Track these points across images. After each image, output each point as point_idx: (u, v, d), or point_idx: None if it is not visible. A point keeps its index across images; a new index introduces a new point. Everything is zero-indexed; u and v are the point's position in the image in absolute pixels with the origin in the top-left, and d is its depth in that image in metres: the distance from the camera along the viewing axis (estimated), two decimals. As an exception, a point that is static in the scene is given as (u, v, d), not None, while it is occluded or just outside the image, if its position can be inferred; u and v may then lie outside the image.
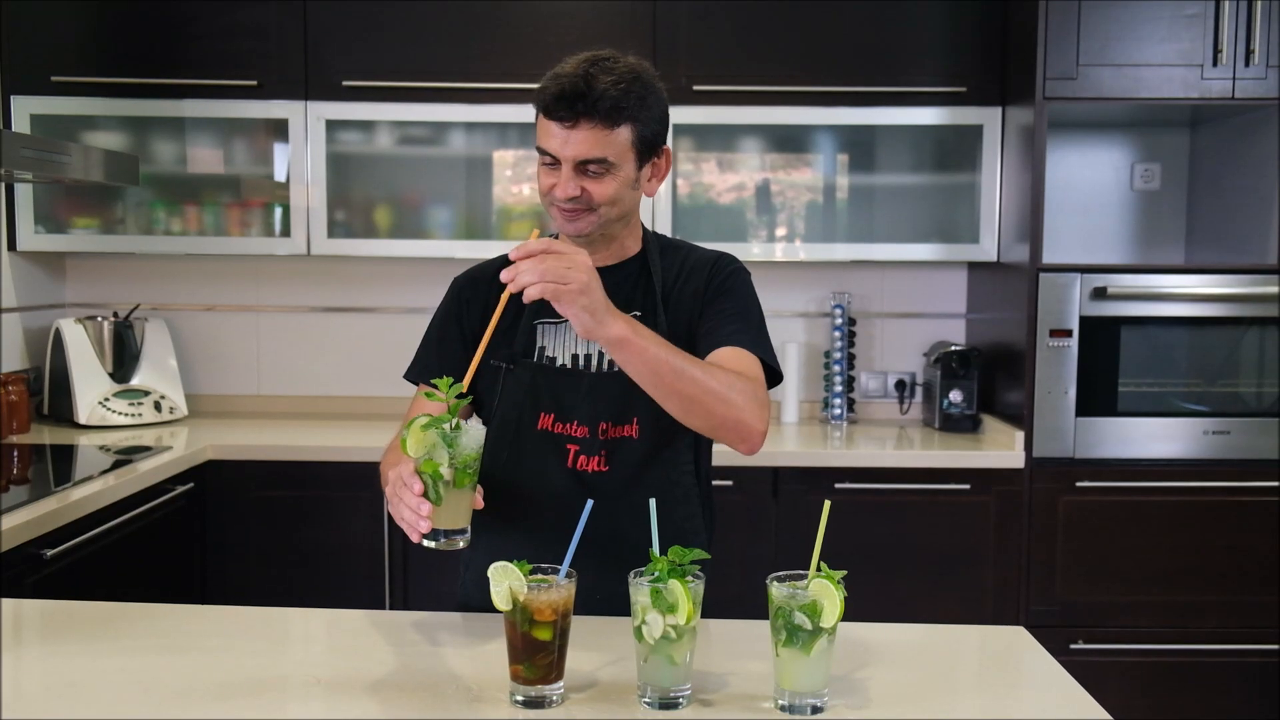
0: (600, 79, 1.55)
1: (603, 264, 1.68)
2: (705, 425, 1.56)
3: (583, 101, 1.54)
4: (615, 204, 1.62)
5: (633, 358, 1.48)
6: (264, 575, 3.00)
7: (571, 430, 1.66)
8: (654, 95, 1.61)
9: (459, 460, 1.38)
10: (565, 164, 1.58)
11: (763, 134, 3.33)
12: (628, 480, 1.65)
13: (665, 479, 1.68)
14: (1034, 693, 1.42)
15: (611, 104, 1.55)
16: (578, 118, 1.55)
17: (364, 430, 3.26)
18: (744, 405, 1.54)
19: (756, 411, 1.56)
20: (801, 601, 1.24)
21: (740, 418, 1.54)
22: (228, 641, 1.52)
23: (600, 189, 1.59)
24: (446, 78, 3.20)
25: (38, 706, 1.30)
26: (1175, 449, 3.02)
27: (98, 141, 3.27)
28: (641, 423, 1.65)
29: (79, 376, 3.24)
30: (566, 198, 1.59)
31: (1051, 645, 1.58)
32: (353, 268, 3.57)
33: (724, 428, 1.55)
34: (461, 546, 1.43)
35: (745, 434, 1.56)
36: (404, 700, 1.31)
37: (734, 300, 1.69)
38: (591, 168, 1.58)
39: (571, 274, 1.41)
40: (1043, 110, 2.97)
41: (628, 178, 1.61)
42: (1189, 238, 3.53)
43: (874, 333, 3.60)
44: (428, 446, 1.37)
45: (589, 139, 1.56)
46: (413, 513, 1.38)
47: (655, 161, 1.66)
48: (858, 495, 2.97)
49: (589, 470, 1.65)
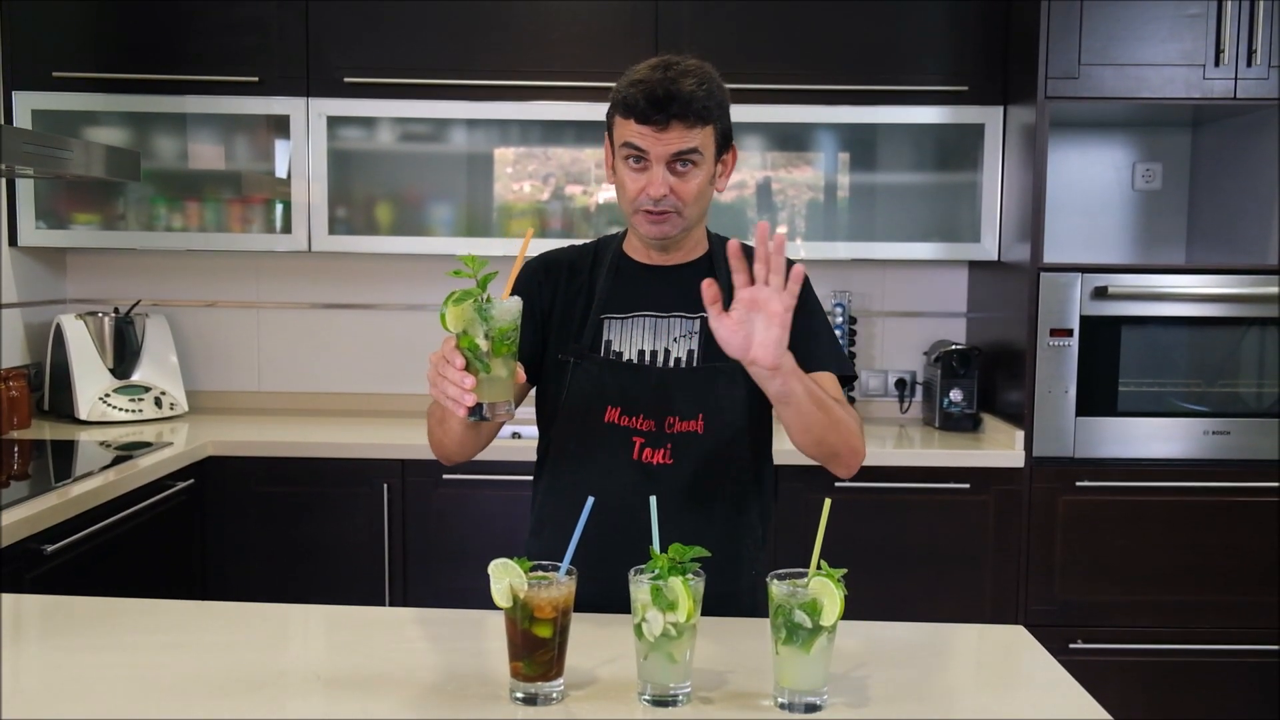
0: (684, 81, 1.60)
1: (678, 262, 1.75)
2: (823, 452, 1.63)
3: (675, 103, 1.58)
4: (699, 203, 1.66)
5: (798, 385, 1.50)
6: (264, 571, 3.00)
7: (637, 424, 1.69)
8: (724, 92, 1.68)
9: (495, 331, 1.39)
10: (657, 163, 1.61)
11: (764, 132, 3.32)
12: (692, 473, 1.69)
13: (726, 473, 1.72)
14: (1033, 692, 1.42)
15: (701, 103, 1.60)
16: (669, 120, 1.59)
17: (365, 427, 3.26)
18: (856, 431, 1.63)
19: (862, 439, 1.66)
20: (801, 600, 1.24)
21: (853, 444, 1.63)
22: (228, 638, 1.52)
23: (687, 188, 1.63)
24: (448, 74, 3.20)
25: (37, 702, 1.30)
26: (1175, 449, 3.02)
27: (99, 137, 3.27)
28: (708, 418, 1.69)
29: (80, 372, 3.24)
30: (659, 196, 1.62)
31: (1051, 645, 1.58)
32: (354, 264, 3.57)
33: (844, 452, 1.63)
34: (504, 419, 1.45)
35: (851, 459, 1.65)
36: (404, 696, 1.31)
37: (811, 319, 1.72)
38: (680, 164, 1.62)
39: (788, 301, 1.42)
40: (1044, 109, 2.97)
41: (709, 173, 1.66)
42: (1190, 238, 3.53)
43: (874, 331, 3.60)
44: (465, 321, 1.38)
45: (681, 136, 1.61)
46: (457, 387, 1.38)
47: (724, 158, 1.71)
48: (858, 494, 2.97)
49: (654, 463, 1.68)
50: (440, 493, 2.98)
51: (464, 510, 3.00)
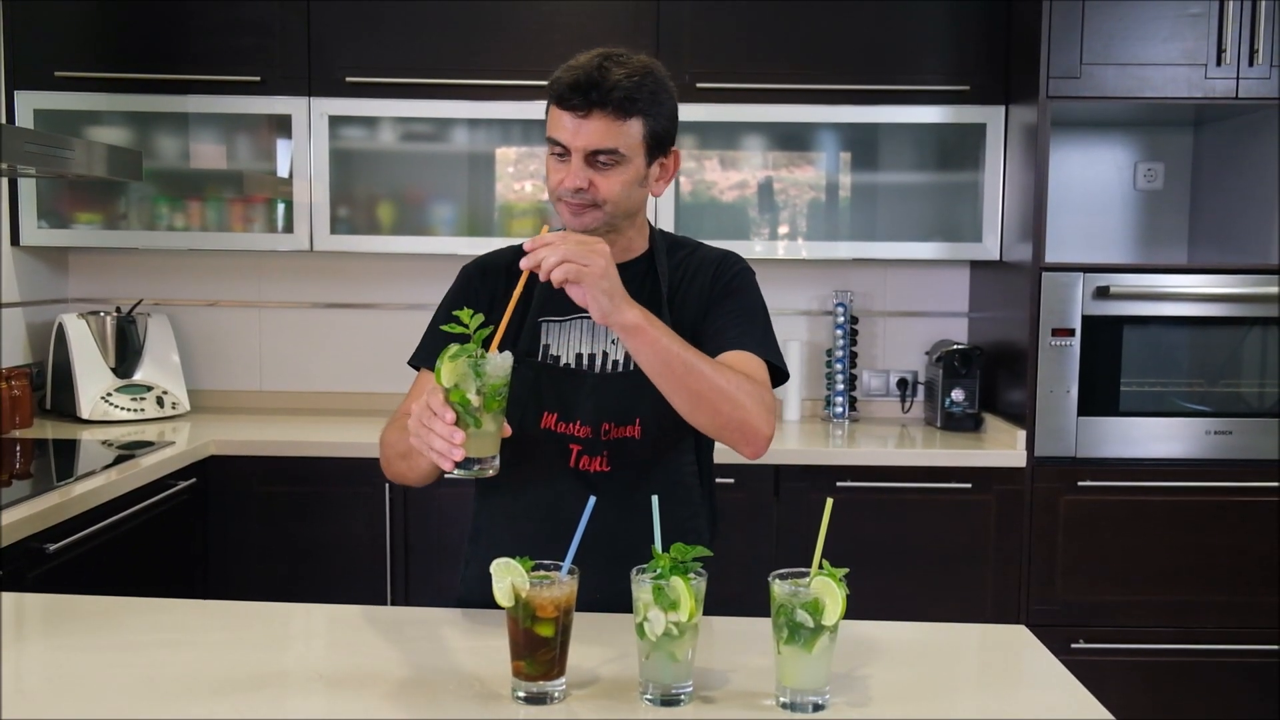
0: (614, 71, 1.56)
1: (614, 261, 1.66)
2: (710, 424, 1.56)
3: (596, 90, 1.54)
4: (622, 200, 1.62)
5: (644, 346, 1.48)
6: (266, 570, 3.00)
7: (574, 430, 1.66)
8: (665, 92, 1.62)
9: (488, 387, 1.39)
10: (575, 154, 1.58)
11: (766, 132, 3.32)
12: (630, 481, 1.64)
13: (668, 480, 1.68)
14: (1035, 692, 1.42)
15: (625, 94, 1.55)
16: (590, 107, 1.55)
17: (366, 426, 3.26)
18: (751, 408, 1.54)
19: (763, 415, 1.56)
20: (803, 599, 1.24)
21: (746, 419, 1.54)
22: (229, 636, 1.52)
23: (607, 184, 1.59)
24: (449, 74, 3.20)
25: (39, 701, 1.30)
26: (1177, 449, 3.02)
27: (101, 137, 3.27)
28: (645, 423, 1.65)
29: (82, 371, 3.24)
30: (574, 189, 1.58)
31: (1052, 644, 1.58)
32: (355, 264, 3.57)
33: (729, 428, 1.55)
34: (491, 474, 1.44)
35: (750, 437, 1.56)
36: (405, 696, 1.31)
37: (740, 301, 1.69)
38: (601, 159, 1.58)
39: (593, 258, 1.43)
40: (1046, 109, 2.96)
41: (637, 173, 1.61)
42: (1192, 237, 3.53)
43: (876, 331, 3.60)
44: (458, 375, 1.38)
45: (601, 129, 1.56)
46: (445, 441, 1.37)
47: (663, 161, 1.66)
48: (859, 494, 2.97)
49: (591, 470, 1.65)
50: (441, 492, 2.97)
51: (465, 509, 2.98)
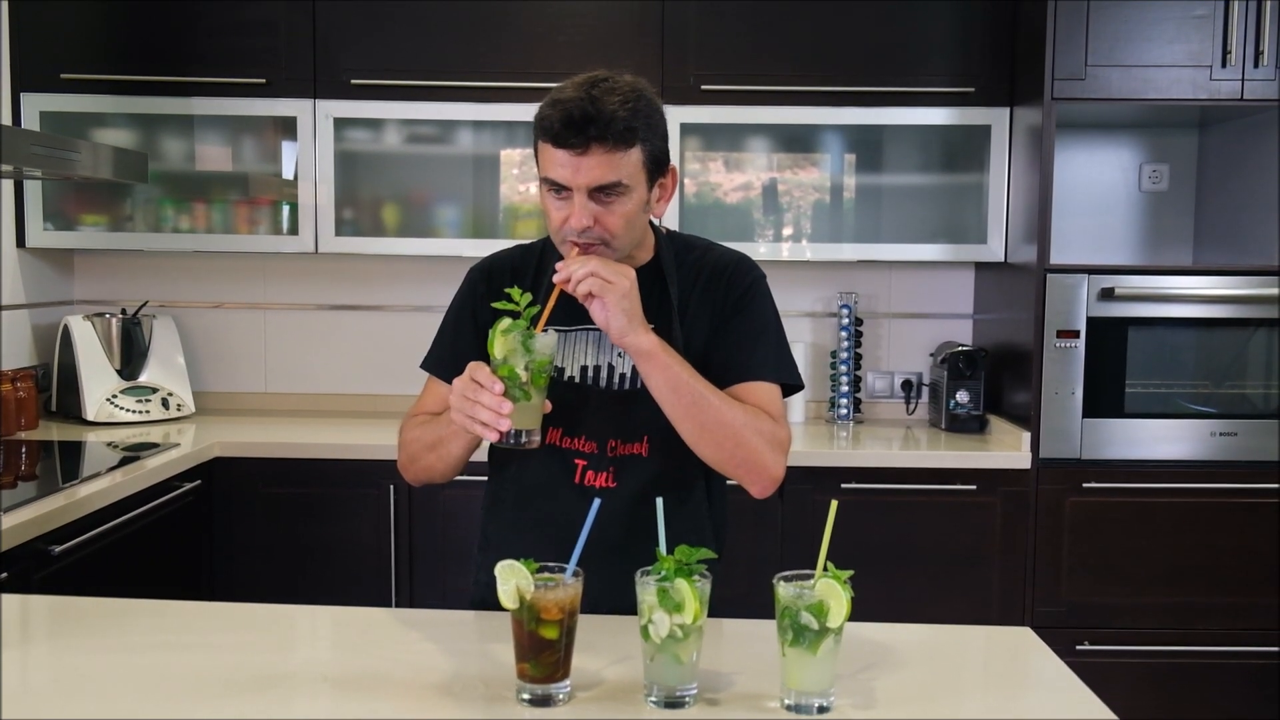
0: (606, 100, 1.49)
1: None
2: (715, 457, 1.57)
3: (594, 125, 1.48)
4: (628, 234, 1.58)
5: (656, 371, 1.50)
6: (271, 572, 3.01)
7: (579, 445, 1.65)
8: (658, 113, 1.58)
9: (535, 363, 1.43)
10: (578, 193, 1.52)
11: (770, 133, 3.33)
12: (636, 498, 1.62)
13: (674, 498, 1.64)
14: (1040, 693, 1.42)
15: (623, 125, 1.50)
16: (589, 142, 1.49)
17: (371, 428, 3.27)
18: (759, 447, 1.55)
19: (771, 455, 1.57)
20: (808, 601, 1.24)
21: (752, 458, 1.56)
22: (234, 638, 1.52)
23: (613, 219, 1.55)
24: (454, 76, 3.21)
25: (45, 703, 1.30)
26: (1182, 450, 3.02)
27: (106, 139, 3.28)
28: (651, 441, 1.64)
29: (87, 373, 3.25)
30: (580, 228, 1.53)
31: (1057, 646, 1.58)
32: (360, 266, 3.58)
33: (733, 464, 1.57)
34: (533, 447, 1.49)
35: (757, 476, 1.57)
36: (410, 698, 1.32)
37: (751, 318, 1.66)
38: (605, 195, 1.53)
39: (619, 278, 1.46)
40: (1051, 111, 2.96)
41: (640, 201, 1.57)
42: (1197, 239, 3.52)
43: (881, 333, 3.60)
44: (509, 349, 1.42)
45: (602, 164, 1.51)
46: (493, 412, 1.40)
47: (663, 181, 1.62)
48: (864, 495, 2.96)
49: (597, 486, 1.64)
50: (446, 494, 2.98)
51: (470, 511, 2.97)
